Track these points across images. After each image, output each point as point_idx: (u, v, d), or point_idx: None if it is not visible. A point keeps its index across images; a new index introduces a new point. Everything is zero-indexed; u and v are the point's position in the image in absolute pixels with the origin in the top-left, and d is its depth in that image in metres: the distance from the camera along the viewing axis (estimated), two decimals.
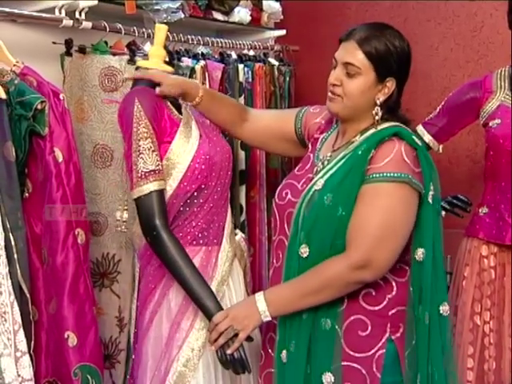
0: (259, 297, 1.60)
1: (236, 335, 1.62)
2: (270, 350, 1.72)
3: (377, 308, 1.60)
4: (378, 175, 1.55)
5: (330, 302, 1.58)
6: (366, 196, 1.55)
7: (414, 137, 1.61)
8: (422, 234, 1.59)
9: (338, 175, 1.59)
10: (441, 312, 1.61)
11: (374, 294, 1.60)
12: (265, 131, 1.97)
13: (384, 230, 1.54)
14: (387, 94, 1.63)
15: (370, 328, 1.59)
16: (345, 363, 1.58)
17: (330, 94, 1.64)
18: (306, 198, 1.60)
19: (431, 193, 1.58)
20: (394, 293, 1.61)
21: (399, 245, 1.57)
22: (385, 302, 1.60)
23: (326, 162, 1.67)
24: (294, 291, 1.59)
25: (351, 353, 1.58)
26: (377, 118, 1.63)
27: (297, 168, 1.78)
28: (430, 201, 1.58)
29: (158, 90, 1.80)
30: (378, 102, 1.62)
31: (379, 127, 1.63)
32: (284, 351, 1.61)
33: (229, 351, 1.62)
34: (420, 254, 1.58)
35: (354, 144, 1.63)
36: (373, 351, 1.59)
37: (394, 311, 1.61)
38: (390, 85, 1.62)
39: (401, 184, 1.54)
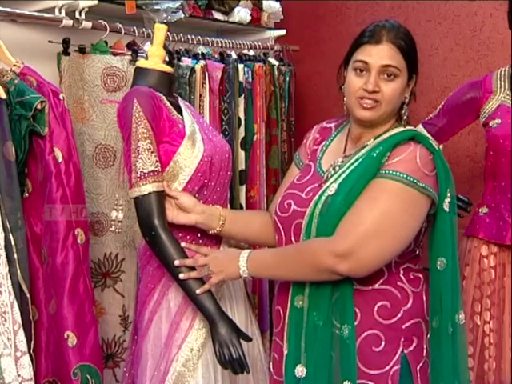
0: (244, 253, 1.62)
1: (235, 335, 1.63)
2: (276, 356, 1.66)
3: (391, 321, 1.53)
4: (385, 172, 1.49)
5: (343, 314, 1.51)
6: (369, 189, 1.49)
7: (430, 140, 1.53)
8: (440, 243, 1.53)
9: (352, 178, 1.53)
10: (457, 321, 1.55)
11: (389, 306, 1.53)
12: None
13: (377, 226, 1.46)
14: (409, 92, 1.57)
15: (383, 343, 1.52)
16: (358, 381, 1.51)
17: (367, 101, 1.53)
18: (318, 204, 1.53)
19: (447, 200, 1.51)
20: (409, 305, 1.55)
21: (391, 245, 1.48)
22: (399, 315, 1.54)
23: (337, 168, 1.60)
24: (274, 257, 1.60)
25: (365, 370, 1.52)
26: (405, 118, 1.57)
27: (296, 178, 1.71)
28: (447, 209, 1.51)
29: (189, 217, 1.73)
30: (406, 102, 1.56)
31: (393, 131, 1.57)
32: (299, 366, 1.54)
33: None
34: (440, 263, 1.52)
35: (368, 147, 1.57)
36: (388, 367, 1.52)
37: (408, 324, 1.55)
38: (413, 83, 1.57)
39: (406, 186, 1.47)
